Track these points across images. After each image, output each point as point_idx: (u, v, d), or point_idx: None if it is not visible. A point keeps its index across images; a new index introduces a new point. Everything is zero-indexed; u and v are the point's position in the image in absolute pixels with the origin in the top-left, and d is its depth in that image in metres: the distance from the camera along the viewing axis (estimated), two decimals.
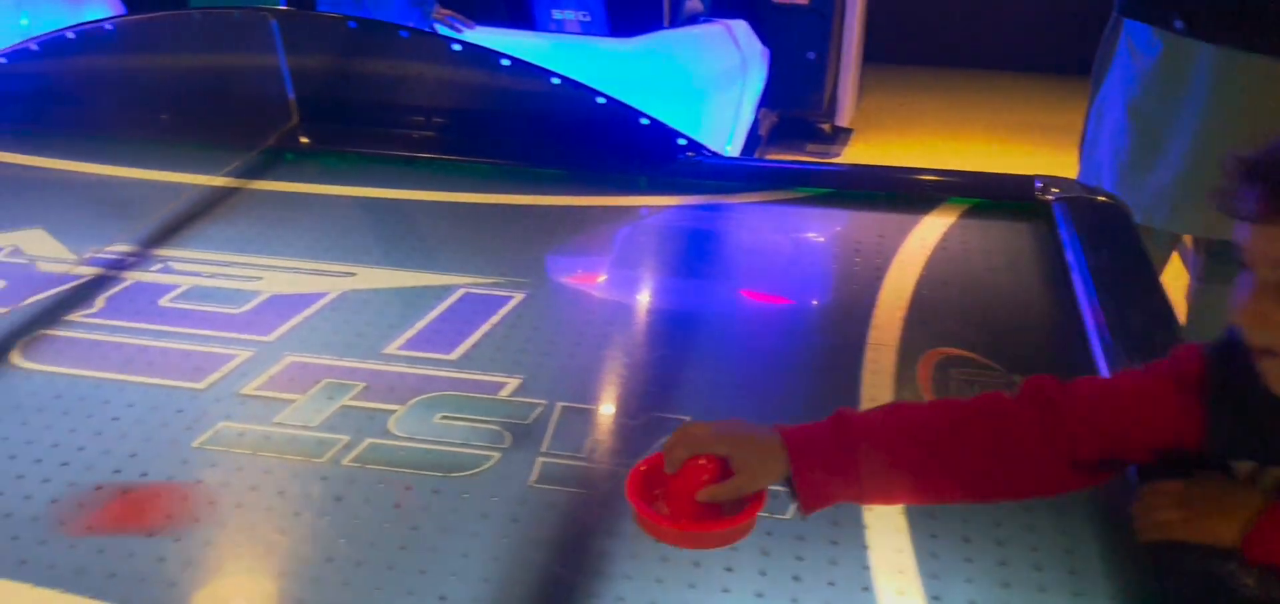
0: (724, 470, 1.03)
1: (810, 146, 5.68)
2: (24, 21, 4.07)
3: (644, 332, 1.69)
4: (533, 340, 1.62)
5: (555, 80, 2.13)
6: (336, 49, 2.22)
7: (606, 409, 1.45)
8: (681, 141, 2.13)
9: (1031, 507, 1.26)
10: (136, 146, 2.22)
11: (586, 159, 2.14)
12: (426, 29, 3.03)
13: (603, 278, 1.85)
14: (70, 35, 2.30)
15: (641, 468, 1.06)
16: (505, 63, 2.12)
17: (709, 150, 2.16)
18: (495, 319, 1.68)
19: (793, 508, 1.24)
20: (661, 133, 2.13)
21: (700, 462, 1.03)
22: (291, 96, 2.24)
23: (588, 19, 3.67)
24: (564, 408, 1.46)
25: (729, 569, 1.18)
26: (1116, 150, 2.45)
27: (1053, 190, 2.03)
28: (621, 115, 2.13)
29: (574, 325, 1.69)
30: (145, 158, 2.18)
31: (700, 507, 1.02)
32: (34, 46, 2.37)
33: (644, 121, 2.12)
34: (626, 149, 2.14)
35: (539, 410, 1.45)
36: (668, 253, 1.98)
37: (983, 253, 1.90)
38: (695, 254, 1.97)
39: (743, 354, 1.62)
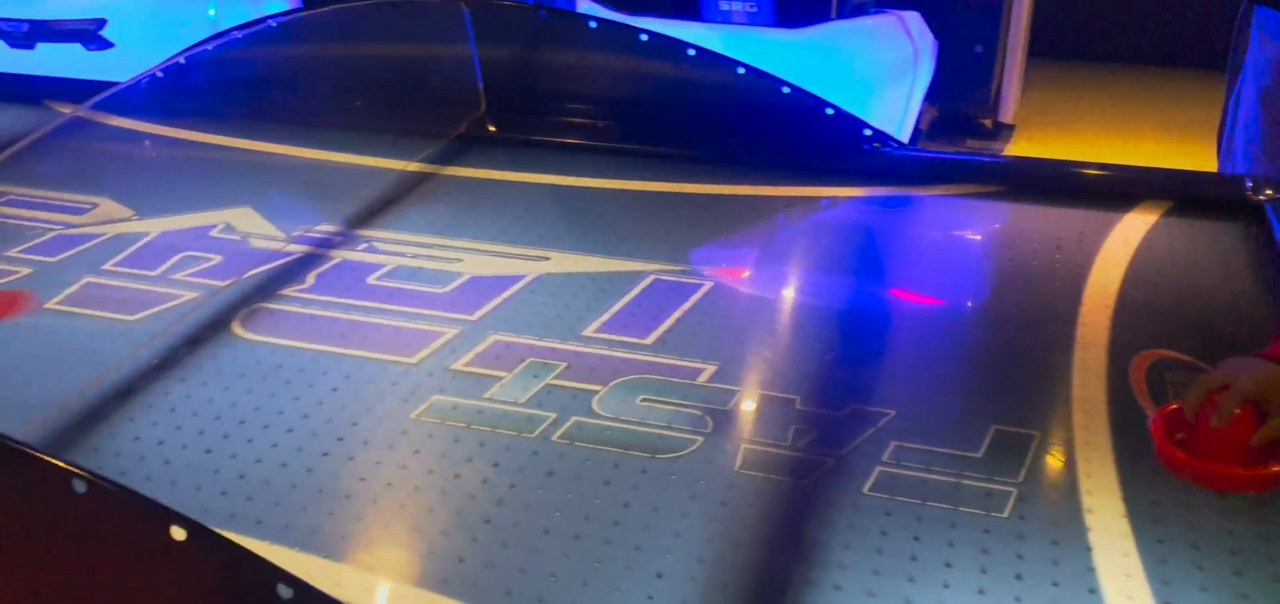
0: (1260, 414, 1.17)
1: (970, 142, 5.53)
2: (211, 12, 4.28)
3: (836, 322, 1.67)
4: (726, 328, 1.63)
5: (740, 70, 2.13)
6: (524, 38, 2.27)
7: (807, 399, 1.44)
8: (867, 132, 2.11)
9: (1266, 516, 1.20)
10: (332, 132, 2.31)
11: (770, 149, 2.13)
12: None
13: (789, 268, 1.84)
14: (273, 24, 2.41)
15: (1160, 418, 1.26)
16: (690, 52, 2.13)
17: (895, 141, 2.13)
18: (686, 306, 1.69)
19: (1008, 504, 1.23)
20: (847, 123, 2.10)
21: (1236, 409, 1.17)
22: (480, 85, 2.30)
23: (754, 10, 3.66)
24: (763, 395, 1.47)
25: (949, 565, 1.16)
26: (1249, 140, 2.33)
27: (1266, 190, 1.93)
28: (807, 105, 2.12)
29: (765, 314, 1.69)
30: (341, 143, 2.27)
31: (1249, 452, 1.17)
32: (238, 35, 2.50)
33: (829, 111, 2.10)
34: (811, 139, 2.13)
35: (738, 396, 1.46)
36: (855, 245, 1.96)
37: (1191, 253, 1.82)
38: (886, 247, 1.94)
39: (943, 350, 1.59)
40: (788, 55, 3.30)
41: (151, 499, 0.90)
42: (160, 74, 2.07)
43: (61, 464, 0.92)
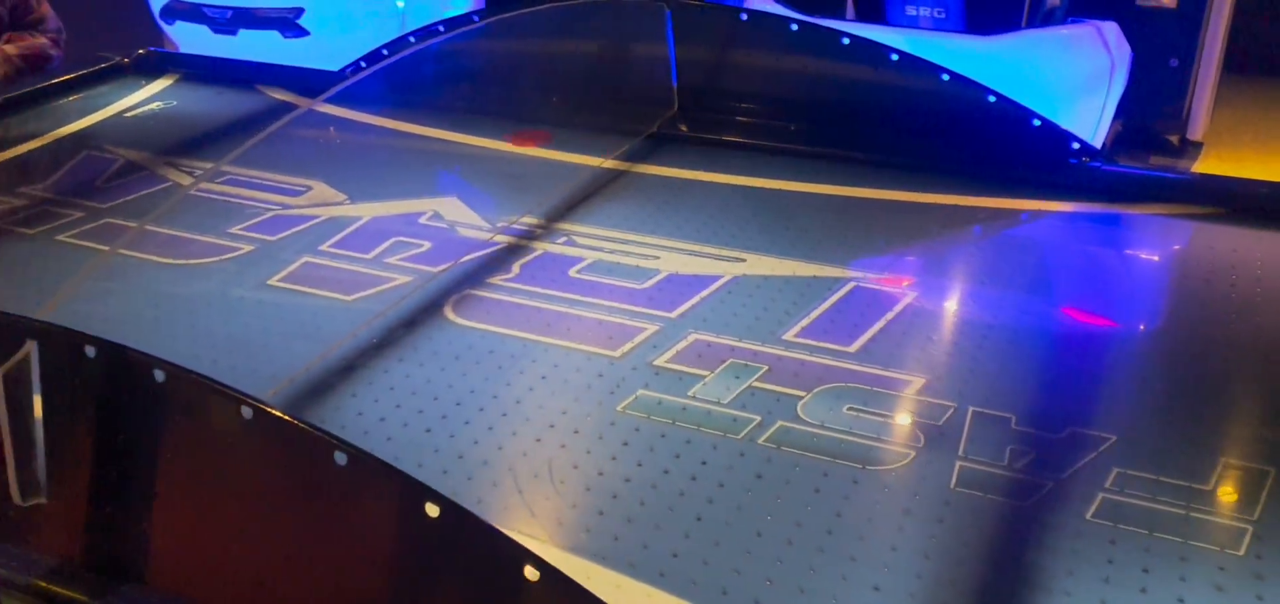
0: None
1: (1155, 159, 5.28)
2: (400, 4, 4.44)
3: (1047, 342, 1.62)
4: (932, 340, 1.60)
5: (944, 76, 2.09)
6: (722, 39, 2.27)
7: (1022, 419, 1.40)
8: (1074, 145, 2.04)
9: None
10: (530, 125, 2.36)
11: (972, 158, 2.08)
12: None
13: (994, 282, 1.80)
14: (476, 21, 2.49)
15: None
16: (893, 57, 2.10)
17: (1103, 156, 2.05)
18: (890, 315, 1.67)
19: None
20: (1054, 135, 2.04)
21: None
22: (674, 85, 2.32)
23: (943, 15, 3.58)
24: (975, 413, 1.43)
25: (1181, 600, 1.11)
26: None
27: None
28: (1011, 114, 2.06)
29: (972, 327, 1.65)
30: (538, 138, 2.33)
31: None
32: (441, 28, 2.58)
33: (1035, 123, 2.04)
34: (1014, 150, 2.07)
35: (950, 412, 1.43)
36: (1062, 262, 1.90)
37: None
38: (1095, 266, 1.87)
39: (1162, 376, 1.53)
40: (977, 63, 3.21)
41: (409, 475, 0.94)
42: (385, 70, 2.15)
43: (325, 435, 0.97)
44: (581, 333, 1.63)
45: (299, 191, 2.11)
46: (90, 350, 1.06)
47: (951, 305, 1.71)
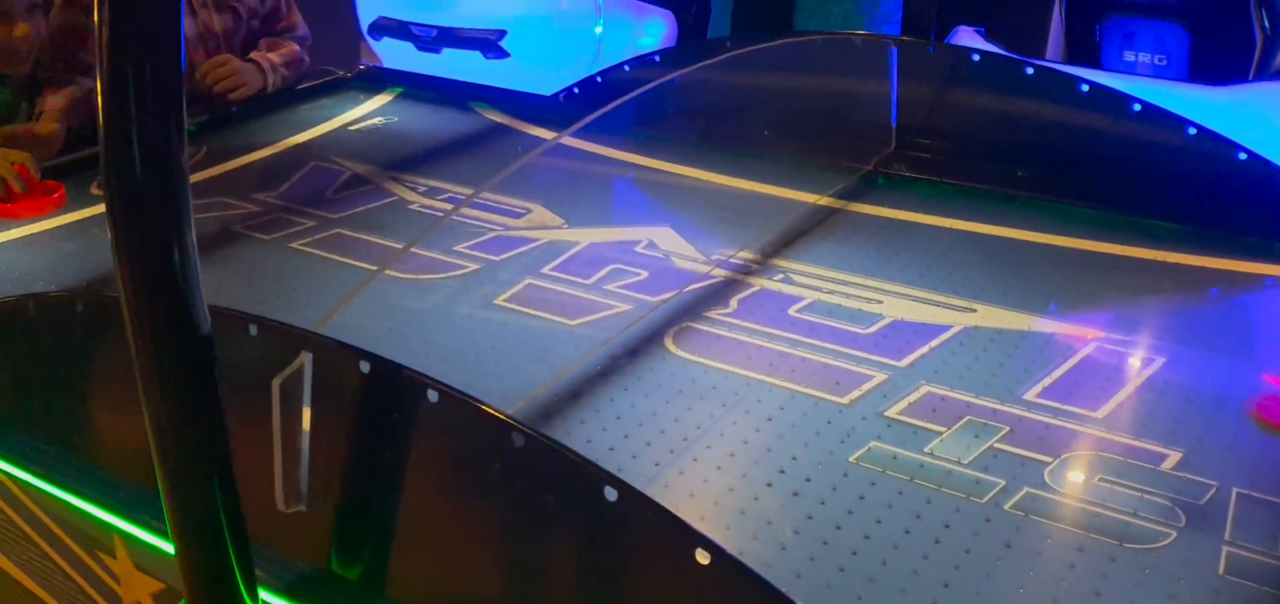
0: None
1: None
2: (598, 29, 4.50)
3: None
4: (1187, 411, 1.50)
5: (1191, 130, 1.97)
6: (948, 79, 2.21)
7: None
8: None
9: None
10: (742, 159, 2.35)
11: (1217, 217, 1.96)
12: None
13: (1251, 352, 1.68)
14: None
15: None
16: (1135, 107, 2.00)
17: None
18: (1137, 381, 1.57)
19: None
20: None
21: None
22: (893, 123, 2.26)
23: (1164, 62, 3.40)
24: (1240, 494, 1.33)
25: None
26: None
27: None
28: (1264, 173, 1.93)
29: (1228, 401, 1.54)
30: (751, 171, 2.30)
31: None
32: (655, 58, 2.60)
33: None
34: (1264, 211, 1.93)
35: (1212, 492, 1.33)
36: None
37: None
38: None
39: None
40: (1201, 116, 3.04)
41: (680, 518, 0.93)
42: (628, 101, 2.15)
43: (597, 469, 0.96)
44: (806, 376, 1.59)
45: (519, 214, 2.14)
46: (365, 366, 1.09)
47: (1203, 375, 1.60)
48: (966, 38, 3.54)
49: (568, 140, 2.56)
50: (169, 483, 1.03)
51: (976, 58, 2.13)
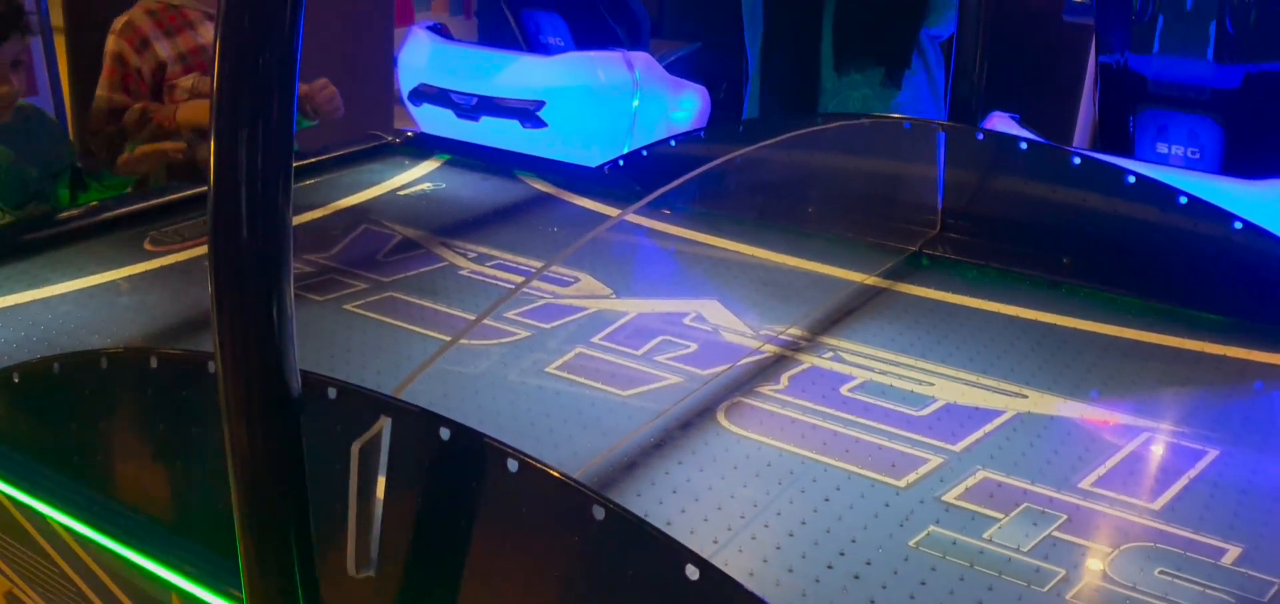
0: None
1: None
2: (634, 103, 4.57)
3: None
4: (1244, 506, 1.49)
5: (1237, 225, 1.99)
6: (994, 165, 2.23)
7: None
8: None
9: None
10: (788, 236, 2.37)
11: (1263, 310, 1.96)
12: None
13: None
14: (740, 128, 2.54)
15: None
16: (1181, 200, 2.01)
17: None
18: (1193, 472, 1.57)
19: None
20: None
21: None
22: (940, 206, 2.28)
23: (1197, 155, 3.43)
24: None
25: None
26: None
27: None
28: None
29: None
30: (797, 248, 2.32)
31: None
32: (700, 134, 2.64)
33: None
34: None
35: (1275, 589, 1.33)
36: None
37: None
38: None
39: None
40: (1240, 209, 3.05)
41: (763, 599, 0.93)
42: (695, 183, 2.18)
43: (679, 546, 0.96)
44: (861, 456, 1.59)
45: (567, 282, 2.16)
46: (444, 433, 1.10)
47: (1258, 470, 1.59)
48: (1001, 123, 3.57)
49: (605, 209, 2.59)
50: (248, 541, 1.04)
51: (1024, 145, 2.15)
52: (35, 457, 1.43)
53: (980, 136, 2.24)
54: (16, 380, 1.44)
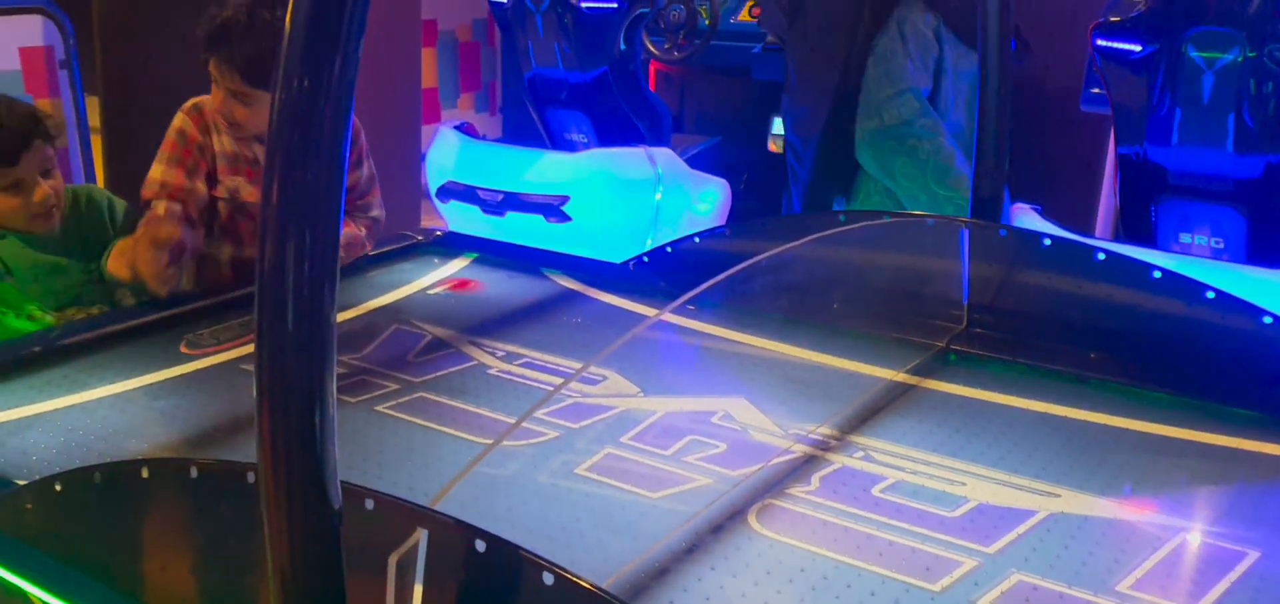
0: None
1: None
2: (657, 197, 4.62)
3: None
4: None
5: (1266, 319, 1.99)
6: (1019, 261, 2.24)
7: None
8: None
9: None
10: (814, 332, 2.38)
11: None
12: None
13: None
14: (761, 226, 2.56)
15: None
16: (1208, 295, 2.02)
17: None
18: (1232, 575, 1.55)
19: None
20: None
21: None
22: (966, 302, 2.30)
23: (1221, 245, 3.43)
24: None
25: None
26: None
27: None
28: None
29: None
30: (823, 344, 2.33)
31: None
32: (725, 231, 2.67)
33: None
34: None
35: None
36: None
37: None
38: None
39: None
40: (1263, 299, 3.05)
41: None
42: (737, 278, 2.18)
43: None
44: (896, 560, 1.59)
45: (595, 381, 2.17)
46: (480, 545, 1.10)
47: None
48: (1023, 214, 3.59)
49: (631, 306, 2.62)
50: None
51: (1048, 242, 2.17)
52: (76, 566, 1.44)
53: (1004, 233, 2.25)
54: (58, 489, 1.46)
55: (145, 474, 1.37)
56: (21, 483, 1.66)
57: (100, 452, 1.83)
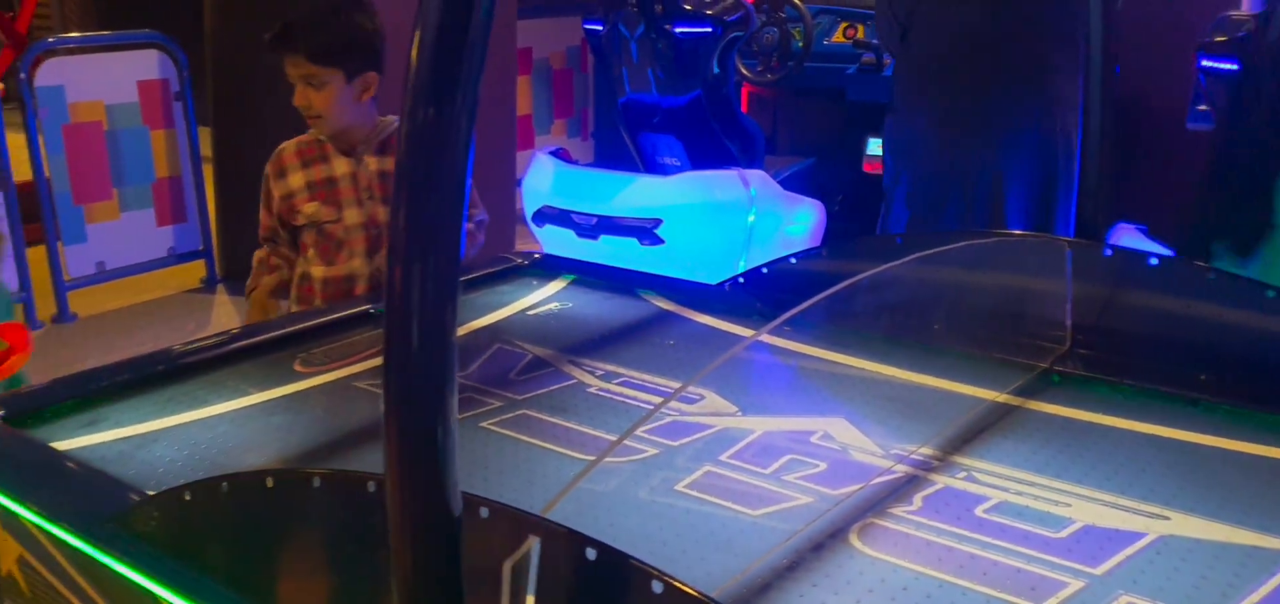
0: None
1: None
2: (751, 218, 4.63)
3: None
4: None
5: None
6: (1124, 280, 2.21)
7: None
8: None
9: None
10: (914, 352, 2.37)
11: None
12: None
13: None
14: (857, 246, 2.56)
15: None
16: None
17: None
18: None
19: None
20: None
21: None
22: (1069, 323, 2.27)
23: None
24: None
25: None
26: None
27: None
28: None
29: None
30: (924, 364, 2.32)
31: None
32: (820, 251, 2.67)
33: None
34: None
35: None
36: None
37: None
38: None
39: None
40: None
41: None
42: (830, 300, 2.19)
43: None
44: (1000, 580, 1.58)
45: (693, 400, 2.20)
46: (590, 553, 1.14)
47: None
48: (1127, 235, 3.52)
49: (727, 326, 2.64)
50: None
51: (1154, 261, 2.13)
52: (204, 571, 1.52)
53: (1108, 252, 2.22)
54: (187, 498, 1.54)
55: (270, 484, 1.44)
56: (151, 493, 1.75)
57: (222, 464, 1.92)
